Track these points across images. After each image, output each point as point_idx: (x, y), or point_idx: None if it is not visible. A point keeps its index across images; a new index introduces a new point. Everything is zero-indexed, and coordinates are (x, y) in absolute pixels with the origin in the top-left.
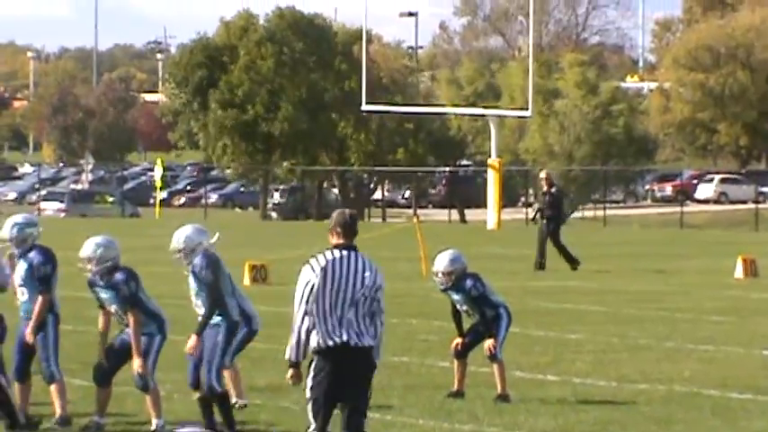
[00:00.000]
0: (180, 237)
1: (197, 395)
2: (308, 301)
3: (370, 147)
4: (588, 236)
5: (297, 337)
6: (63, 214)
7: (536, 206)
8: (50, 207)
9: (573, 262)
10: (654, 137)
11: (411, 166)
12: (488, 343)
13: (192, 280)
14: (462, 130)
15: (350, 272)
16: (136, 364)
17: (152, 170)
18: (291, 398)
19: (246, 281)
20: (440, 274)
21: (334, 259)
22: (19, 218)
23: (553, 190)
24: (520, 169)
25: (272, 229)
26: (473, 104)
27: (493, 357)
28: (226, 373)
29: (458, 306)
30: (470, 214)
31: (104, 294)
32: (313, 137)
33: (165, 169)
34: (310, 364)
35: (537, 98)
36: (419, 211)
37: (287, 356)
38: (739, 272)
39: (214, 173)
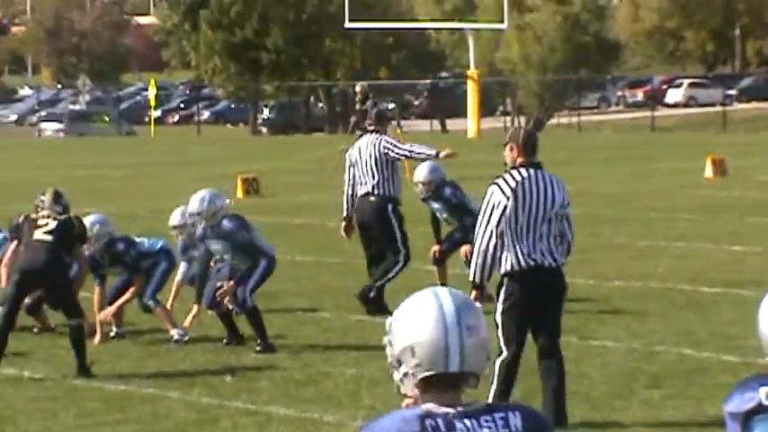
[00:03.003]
0: (196, 201)
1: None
2: (497, 224)
3: (355, 63)
4: (563, 141)
5: (483, 259)
6: (62, 134)
7: (353, 119)
8: (50, 128)
9: None
10: (624, 44)
11: (394, 80)
12: (465, 248)
13: (221, 243)
14: (441, 43)
15: (540, 191)
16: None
17: (146, 90)
18: (280, 304)
19: (239, 193)
20: (420, 184)
21: (523, 179)
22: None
23: (367, 104)
24: (496, 80)
25: (262, 143)
26: (451, 19)
27: (470, 262)
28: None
29: (438, 214)
30: (451, 124)
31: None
32: (300, 58)
33: (158, 88)
34: (498, 289)
35: (511, 11)
36: (402, 123)
37: (471, 278)
38: (709, 172)
39: (206, 91)
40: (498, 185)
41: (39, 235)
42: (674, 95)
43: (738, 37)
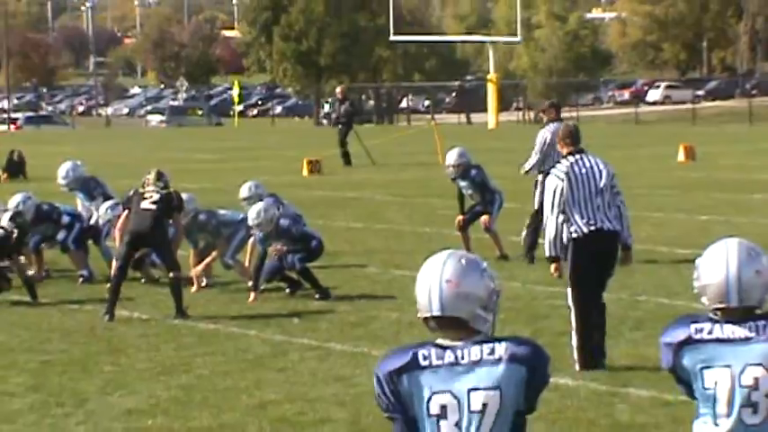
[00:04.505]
0: (254, 213)
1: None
2: (560, 204)
3: (397, 68)
4: None
5: (555, 238)
6: (164, 125)
7: (333, 116)
8: (154, 119)
9: (347, 159)
10: (614, 54)
11: (428, 82)
12: (484, 218)
13: (282, 240)
14: (464, 53)
15: (587, 169)
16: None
17: (231, 89)
18: (342, 260)
19: (305, 172)
20: (450, 167)
21: (571, 163)
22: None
23: (346, 104)
24: (511, 82)
25: (324, 132)
26: (471, 33)
27: (488, 229)
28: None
29: (464, 191)
30: (475, 117)
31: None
32: (352, 64)
33: (240, 88)
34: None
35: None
36: (435, 116)
37: (548, 254)
38: (681, 156)
39: (278, 90)
40: (554, 174)
41: (145, 205)
42: (653, 95)
43: (705, 48)
